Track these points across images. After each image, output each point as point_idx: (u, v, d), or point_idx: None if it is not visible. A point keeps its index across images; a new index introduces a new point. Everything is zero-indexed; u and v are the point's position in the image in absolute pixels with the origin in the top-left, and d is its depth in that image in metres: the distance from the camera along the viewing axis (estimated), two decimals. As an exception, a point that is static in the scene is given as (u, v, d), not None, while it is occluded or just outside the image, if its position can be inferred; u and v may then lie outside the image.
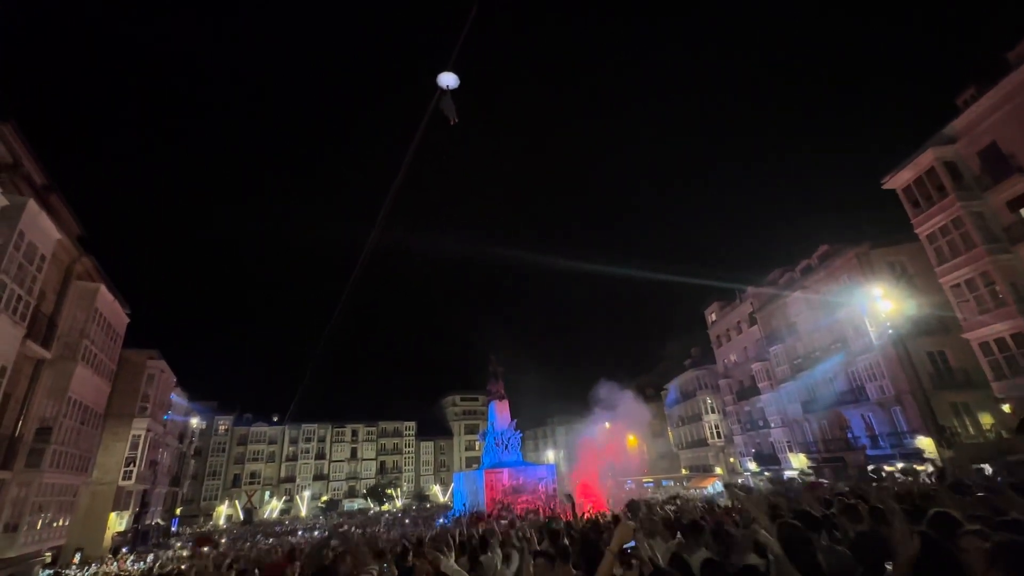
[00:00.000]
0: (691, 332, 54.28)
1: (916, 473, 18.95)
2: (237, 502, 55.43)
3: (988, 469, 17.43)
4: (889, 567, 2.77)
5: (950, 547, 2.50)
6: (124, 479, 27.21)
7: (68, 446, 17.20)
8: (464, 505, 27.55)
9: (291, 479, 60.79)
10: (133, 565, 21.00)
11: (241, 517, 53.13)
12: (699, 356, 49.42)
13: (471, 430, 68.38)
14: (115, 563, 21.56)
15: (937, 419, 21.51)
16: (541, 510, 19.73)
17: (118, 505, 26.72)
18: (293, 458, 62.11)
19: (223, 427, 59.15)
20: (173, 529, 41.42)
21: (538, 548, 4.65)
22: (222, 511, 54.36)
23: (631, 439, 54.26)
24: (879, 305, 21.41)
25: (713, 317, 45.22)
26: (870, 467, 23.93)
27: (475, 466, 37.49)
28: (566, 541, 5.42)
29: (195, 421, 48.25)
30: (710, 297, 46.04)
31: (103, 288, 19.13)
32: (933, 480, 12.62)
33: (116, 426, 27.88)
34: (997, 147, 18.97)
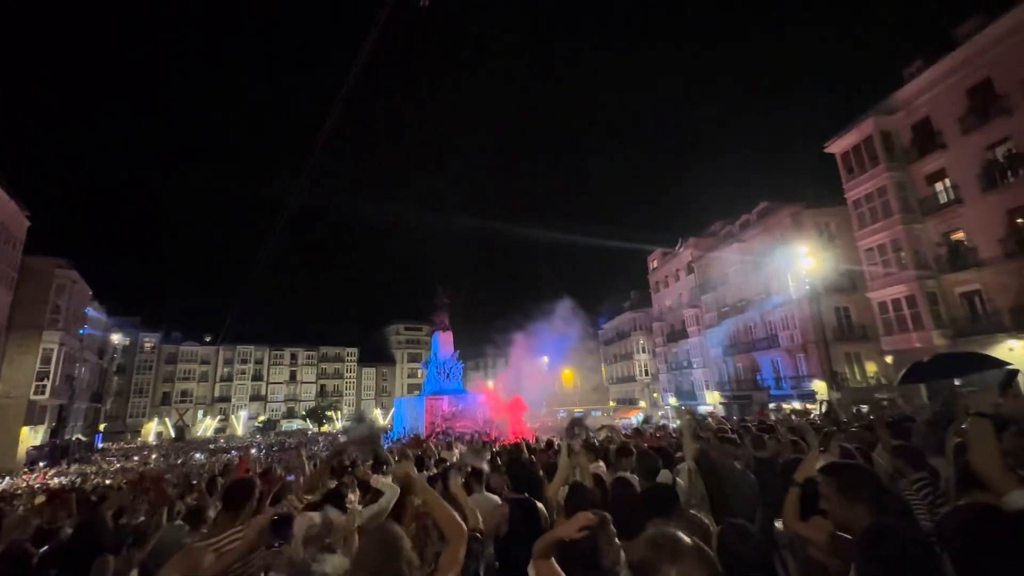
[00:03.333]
0: (634, 276, 56.70)
1: (807, 412, 21.68)
2: (167, 420, 54.23)
3: (864, 408, 20.26)
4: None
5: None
6: (36, 393, 25.62)
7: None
8: (404, 429, 28.57)
9: (226, 399, 59.87)
10: (55, 479, 20.37)
11: (172, 435, 52.28)
12: (637, 300, 52.00)
13: (414, 359, 69.44)
14: (33, 476, 20.79)
15: (832, 366, 24.38)
16: (476, 434, 20.83)
17: (31, 419, 25.33)
18: (228, 379, 60.81)
19: (149, 345, 56.30)
20: (98, 445, 40.20)
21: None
22: (151, 428, 53.08)
23: (567, 373, 57.52)
24: (802, 262, 23.16)
25: (655, 264, 47.20)
26: (771, 405, 27.07)
27: (416, 393, 38.55)
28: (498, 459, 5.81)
29: (117, 337, 45.47)
30: (654, 244, 47.77)
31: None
32: (820, 418, 14.51)
33: (22, 338, 25.78)
34: (930, 122, 20.17)
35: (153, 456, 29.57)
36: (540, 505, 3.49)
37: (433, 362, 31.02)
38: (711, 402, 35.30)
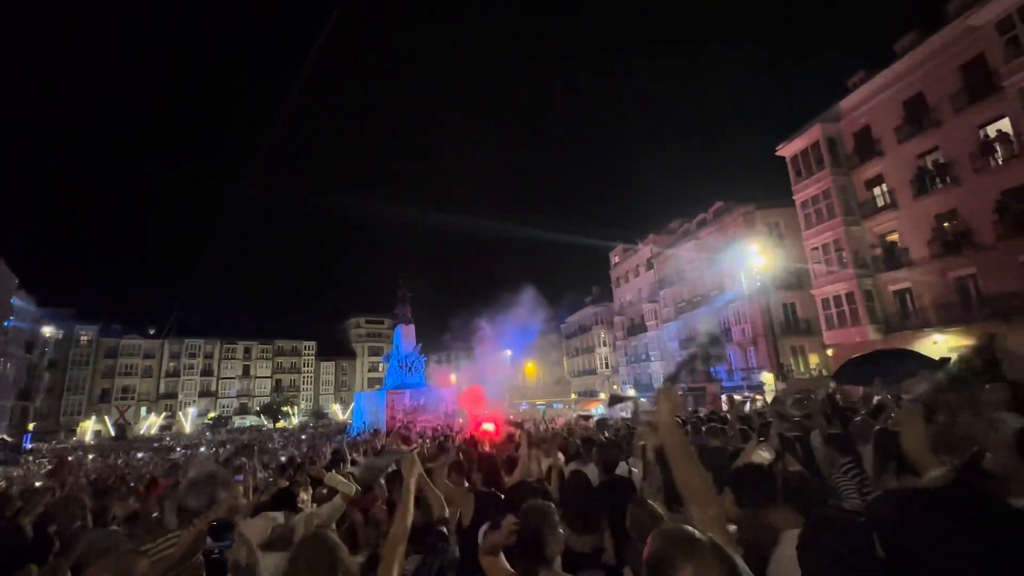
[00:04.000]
0: (597, 271, 57.68)
1: (755, 401, 22.84)
2: (107, 418, 50.88)
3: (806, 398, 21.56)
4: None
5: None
6: (-47, 391, 23.37)
7: None
8: (364, 423, 28.02)
9: (172, 395, 56.81)
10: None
11: (112, 433, 49.15)
12: (599, 294, 53.02)
13: (375, 352, 68.17)
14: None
15: (779, 359, 25.75)
16: (438, 428, 20.71)
17: (-53, 420, 23.11)
18: (175, 374, 57.66)
19: (85, 338, 52.53)
20: (26, 446, 37.26)
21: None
22: (88, 427, 49.63)
23: (529, 366, 58.04)
24: (754, 260, 24.25)
25: (616, 259, 48.21)
26: (723, 396, 28.35)
27: (378, 387, 37.87)
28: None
29: (48, 330, 42.19)
30: (616, 240, 48.79)
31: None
32: (766, 409, 15.36)
33: (-64, 331, 23.41)
34: (869, 130, 21.50)
35: (90, 456, 27.72)
36: (503, 497, 3.51)
37: (395, 356, 30.54)
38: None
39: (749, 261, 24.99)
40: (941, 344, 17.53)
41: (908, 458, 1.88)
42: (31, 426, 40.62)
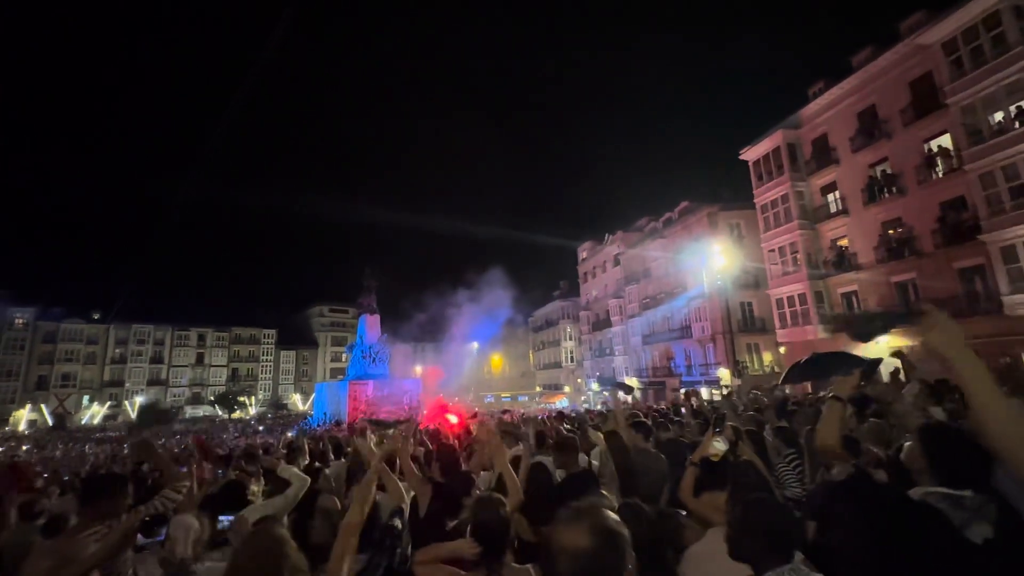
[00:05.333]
0: (566, 265, 58.20)
1: (711, 396, 23.72)
2: (44, 406, 47.75)
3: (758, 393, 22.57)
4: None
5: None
6: None
7: None
8: (325, 414, 27.45)
9: (118, 383, 53.82)
10: None
11: (50, 423, 46.22)
12: (566, 289, 53.62)
13: (338, 342, 66.64)
14: None
15: (736, 355, 26.81)
16: (400, 420, 20.49)
17: None
18: (121, 360, 54.60)
19: (20, 321, 48.99)
20: (-50, 435, 34.55)
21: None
22: (22, 415, 46.42)
23: (495, 359, 58.17)
24: (715, 259, 25.08)
25: (584, 255, 48.82)
26: (682, 390, 29.31)
27: (340, 378, 37.10)
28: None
29: (-23, 312, 39.07)
30: (585, 236, 49.39)
31: None
32: (721, 403, 16.03)
33: None
34: (826, 139, 22.51)
35: (24, 447, 25.99)
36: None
37: (359, 346, 29.99)
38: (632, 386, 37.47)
39: (711, 260, 25.82)
40: (883, 344, 18.61)
41: (819, 448, 1.99)
42: (-44, 414, 37.65)
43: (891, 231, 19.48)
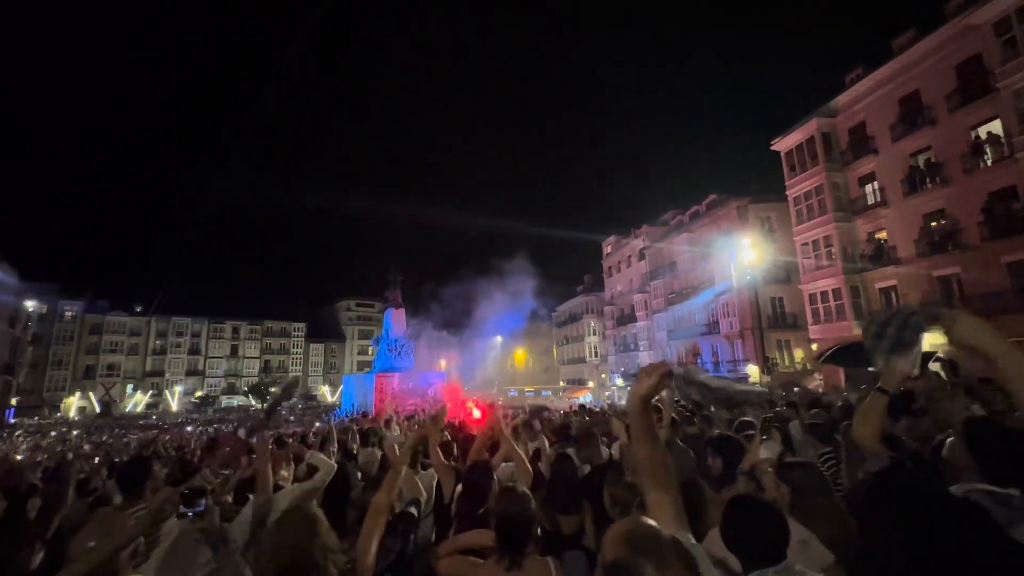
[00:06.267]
0: (590, 260, 57.67)
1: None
2: (92, 394, 50.43)
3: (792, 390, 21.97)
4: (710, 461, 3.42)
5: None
6: (-68, 364, 23.00)
7: None
8: (353, 406, 28.09)
9: (159, 373, 56.37)
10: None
11: (97, 410, 48.78)
12: (590, 283, 53.17)
13: (365, 336, 67.98)
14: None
15: (765, 352, 26.11)
16: (422, 411, 20.80)
17: (-74, 392, 22.78)
18: (161, 351, 57.17)
19: (70, 313, 51.77)
20: (9, 420, 36.91)
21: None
22: (72, 403, 49.17)
23: (519, 353, 58.28)
24: (745, 253, 24.40)
25: (609, 249, 48.27)
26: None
27: (367, 370, 37.87)
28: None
29: (31, 304, 41.41)
30: (609, 230, 48.77)
31: None
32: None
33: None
34: (864, 127, 21.56)
35: (74, 432, 27.51)
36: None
37: (384, 339, 30.53)
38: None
39: (740, 254, 25.14)
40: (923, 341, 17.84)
41: (857, 442, 1.93)
42: (14, 401, 40.14)
43: (933, 223, 18.56)
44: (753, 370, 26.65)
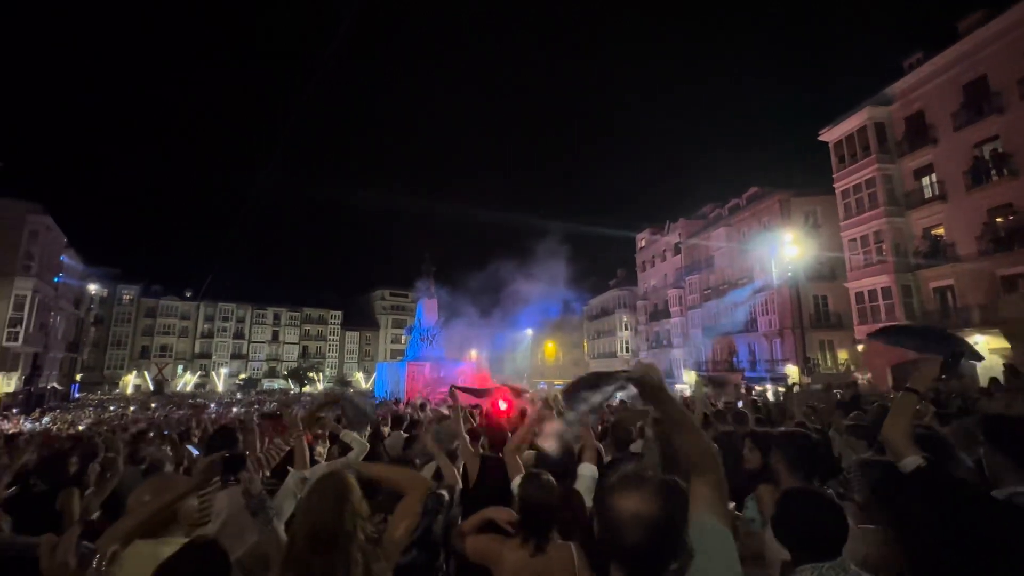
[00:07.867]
0: (622, 253, 56.83)
1: (777, 393, 22.41)
2: (146, 373, 53.87)
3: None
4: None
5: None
6: (9, 340, 25.20)
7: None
8: (386, 392, 28.86)
9: (207, 355, 59.52)
10: (27, 424, 20.23)
11: (151, 388, 52.04)
12: (623, 277, 52.38)
13: (398, 324, 69.42)
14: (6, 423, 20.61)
15: (806, 352, 25.08)
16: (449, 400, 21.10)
17: (3, 366, 24.99)
18: (209, 335, 60.30)
19: (127, 297, 55.34)
20: (74, 395, 39.90)
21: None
22: (129, 380, 52.71)
23: (549, 346, 58.20)
24: (786, 249, 23.44)
25: (643, 243, 47.35)
26: (743, 386, 27.90)
27: (399, 358, 38.78)
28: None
29: (94, 288, 44.49)
30: (643, 224, 47.81)
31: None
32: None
33: (-7, 283, 25.13)
34: (923, 116, 20.20)
35: (131, 408, 29.51)
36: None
37: (417, 328, 31.13)
38: (687, 381, 36.19)
39: (781, 250, 24.17)
40: (982, 345, 16.71)
41: (884, 441, 1.84)
42: (78, 376, 43.40)
43: (999, 219, 17.26)
44: (792, 370, 25.67)
